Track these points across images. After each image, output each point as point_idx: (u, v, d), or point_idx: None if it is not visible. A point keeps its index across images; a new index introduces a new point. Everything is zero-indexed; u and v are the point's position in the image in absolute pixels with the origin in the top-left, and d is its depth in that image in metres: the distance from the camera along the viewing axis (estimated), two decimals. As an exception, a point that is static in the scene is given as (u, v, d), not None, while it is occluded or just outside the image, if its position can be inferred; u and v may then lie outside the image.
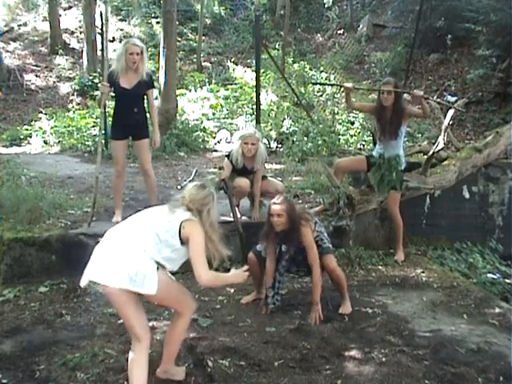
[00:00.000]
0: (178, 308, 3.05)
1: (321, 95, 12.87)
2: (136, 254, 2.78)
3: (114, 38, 16.04)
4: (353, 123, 11.05)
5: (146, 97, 5.17)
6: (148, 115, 5.26)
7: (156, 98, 10.22)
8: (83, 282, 2.85)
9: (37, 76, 14.81)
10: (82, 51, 14.40)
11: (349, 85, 5.30)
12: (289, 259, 4.07)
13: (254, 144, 5.03)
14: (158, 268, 2.84)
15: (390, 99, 5.05)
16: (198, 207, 2.98)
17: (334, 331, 3.78)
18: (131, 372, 2.85)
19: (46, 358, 3.33)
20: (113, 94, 5.20)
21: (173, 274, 4.69)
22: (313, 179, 6.62)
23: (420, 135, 10.99)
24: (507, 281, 5.36)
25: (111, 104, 10.22)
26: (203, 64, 15.51)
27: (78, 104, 13.37)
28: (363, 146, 9.59)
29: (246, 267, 3.22)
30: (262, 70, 10.68)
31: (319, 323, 3.89)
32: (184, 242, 2.92)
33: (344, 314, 4.09)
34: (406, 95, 5.46)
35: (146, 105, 5.25)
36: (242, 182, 5.13)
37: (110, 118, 9.71)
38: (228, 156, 5.20)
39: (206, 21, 17.34)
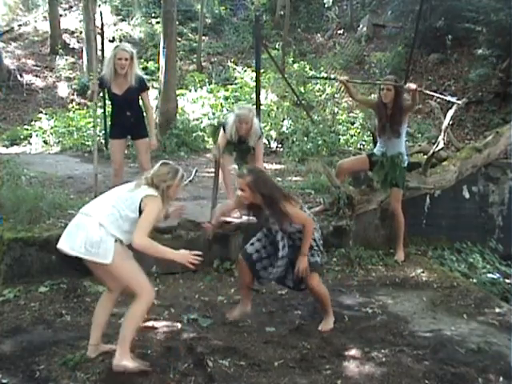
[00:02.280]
0: (136, 288, 3.17)
1: (321, 95, 12.87)
2: (93, 228, 3.09)
3: (113, 38, 16.04)
4: (353, 123, 11.05)
5: (141, 99, 5.18)
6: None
7: (156, 98, 10.24)
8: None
9: (37, 76, 14.80)
10: (82, 51, 14.40)
11: (343, 78, 5.41)
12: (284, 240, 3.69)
13: (247, 123, 5.13)
14: (116, 241, 3.10)
15: (390, 96, 5.06)
16: (156, 183, 3.19)
17: (334, 331, 3.78)
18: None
19: (46, 358, 3.33)
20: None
21: (171, 273, 4.74)
22: (313, 179, 6.62)
23: (420, 135, 10.99)
24: (507, 281, 5.37)
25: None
26: (203, 64, 15.51)
27: (78, 104, 13.36)
28: (363, 145, 9.60)
29: (197, 252, 3.19)
30: (262, 70, 10.68)
31: (319, 323, 3.89)
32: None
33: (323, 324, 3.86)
34: (405, 94, 5.47)
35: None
36: (229, 164, 5.25)
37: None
38: (224, 127, 5.27)
39: (206, 21, 17.33)
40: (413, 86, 4.98)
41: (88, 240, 3.06)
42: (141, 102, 5.19)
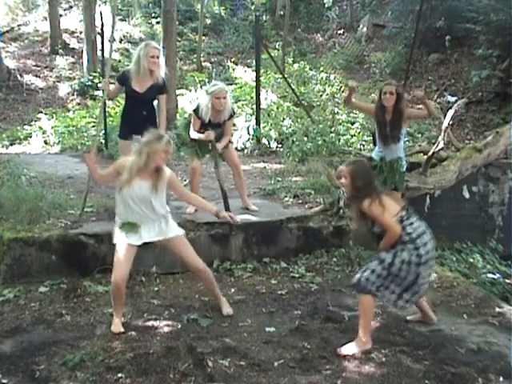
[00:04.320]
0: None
1: (321, 95, 12.87)
2: None
3: (113, 38, 16.05)
4: (353, 123, 11.05)
5: (157, 101, 5.11)
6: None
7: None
8: None
9: (37, 76, 14.81)
10: (82, 51, 14.41)
11: (352, 83, 5.24)
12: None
13: (225, 98, 5.15)
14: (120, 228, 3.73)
15: (392, 100, 5.03)
16: (141, 149, 3.65)
17: (334, 331, 3.78)
18: None
19: (46, 358, 3.33)
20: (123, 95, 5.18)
21: (171, 273, 4.74)
22: (313, 179, 6.62)
23: (420, 135, 11.00)
24: (507, 281, 5.37)
25: (111, 104, 10.24)
26: (203, 64, 15.52)
27: (78, 104, 13.38)
28: (363, 146, 9.59)
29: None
30: (262, 70, 10.68)
31: (319, 323, 3.89)
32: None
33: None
34: (406, 95, 5.44)
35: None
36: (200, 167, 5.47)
37: (111, 118, 9.78)
38: (196, 111, 5.27)
39: (206, 21, 17.34)
40: (420, 93, 4.94)
41: None
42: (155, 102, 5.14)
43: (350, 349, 3.45)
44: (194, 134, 5.31)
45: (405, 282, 3.56)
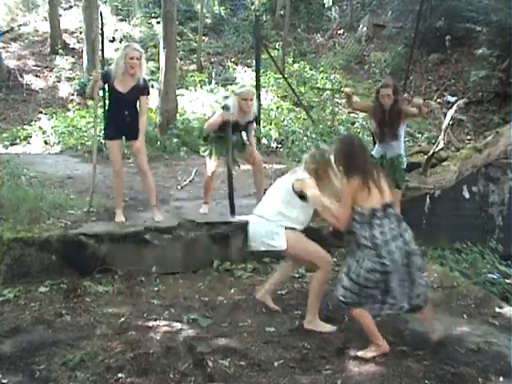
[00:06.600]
0: (315, 261, 3.75)
1: (321, 95, 12.87)
2: (262, 222, 3.78)
3: (113, 38, 16.04)
4: (353, 123, 11.05)
5: (139, 102, 5.09)
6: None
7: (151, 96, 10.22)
8: None
9: (37, 76, 14.79)
10: (82, 51, 14.39)
11: (348, 89, 5.41)
12: None
13: (251, 100, 5.19)
14: (285, 228, 3.69)
15: (390, 101, 5.06)
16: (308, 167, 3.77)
17: (333, 331, 3.78)
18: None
19: (45, 358, 3.33)
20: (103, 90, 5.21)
21: (171, 273, 4.74)
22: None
23: (420, 135, 10.99)
24: (507, 281, 5.37)
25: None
26: (203, 64, 15.51)
27: (78, 104, 13.35)
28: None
29: None
30: (262, 70, 10.68)
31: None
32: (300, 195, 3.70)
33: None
34: (405, 94, 5.47)
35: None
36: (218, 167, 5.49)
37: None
38: (224, 108, 5.25)
39: (206, 21, 17.33)
40: (419, 101, 4.96)
41: (262, 233, 3.76)
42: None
43: (366, 353, 3.41)
44: (210, 120, 5.29)
45: (379, 288, 3.39)
